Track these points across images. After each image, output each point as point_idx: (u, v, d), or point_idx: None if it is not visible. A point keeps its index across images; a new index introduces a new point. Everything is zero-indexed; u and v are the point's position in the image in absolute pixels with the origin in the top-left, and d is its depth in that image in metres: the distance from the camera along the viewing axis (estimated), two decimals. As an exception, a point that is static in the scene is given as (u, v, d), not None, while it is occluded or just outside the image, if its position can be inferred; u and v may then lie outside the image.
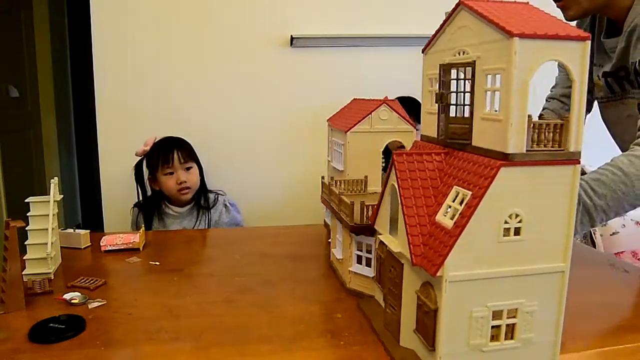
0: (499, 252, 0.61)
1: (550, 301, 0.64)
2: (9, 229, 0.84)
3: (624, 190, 0.81)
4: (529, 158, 0.59)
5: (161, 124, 1.89)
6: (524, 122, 0.59)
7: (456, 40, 0.69)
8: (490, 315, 0.63)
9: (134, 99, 1.92)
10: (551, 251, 0.62)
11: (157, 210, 1.74)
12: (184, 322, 0.80)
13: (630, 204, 0.83)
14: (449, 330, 0.62)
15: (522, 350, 0.65)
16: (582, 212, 0.83)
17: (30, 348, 0.71)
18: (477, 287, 0.62)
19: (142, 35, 1.90)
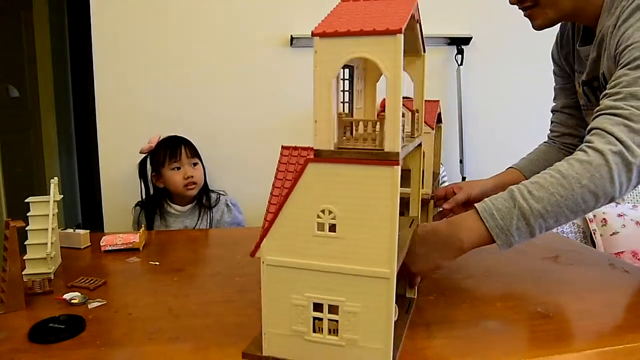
0: (314, 245, 0.62)
1: (376, 307, 0.62)
2: (9, 229, 0.84)
3: (562, 194, 0.76)
4: (339, 155, 0.60)
5: (161, 124, 1.89)
6: (330, 119, 0.59)
7: None
8: (310, 306, 0.64)
9: (134, 99, 1.92)
10: (374, 255, 0.60)
11: (159, 209, 1.75)
12: (184, 322, 0.80)
13: (571, 210, 0.77)
14: (272, 310, 0.67)
15: (347, 350, 0.64)
16: (518, 217, 0.77)
17: (30, 348, 0.71)
18: (294, 275, 0.64)
19: (142, 36, 1.90)
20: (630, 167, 0.75)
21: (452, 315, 0.83)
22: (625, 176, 0.75)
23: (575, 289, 0.94)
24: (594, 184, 0.75)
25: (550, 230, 0.80)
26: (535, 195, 0.78)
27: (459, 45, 2.07)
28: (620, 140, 0.75)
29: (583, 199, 0.76)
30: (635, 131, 0.75)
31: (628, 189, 0.78)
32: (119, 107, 1.92)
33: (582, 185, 0.76)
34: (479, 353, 0.71)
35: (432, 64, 2.12)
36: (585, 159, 0.77)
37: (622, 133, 0.75)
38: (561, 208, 0.76)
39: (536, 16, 0.99)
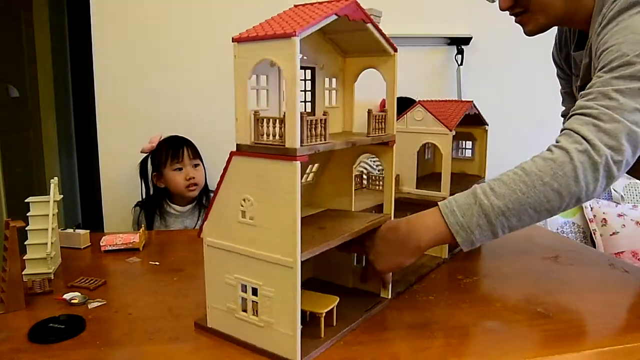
0: (238, 230, 0.70)
1: (285, 294, 0.66)
2: (8, 229, 0.84)
3: (524, 190, 0.73)
4: (253, 150, 0.67)
5: (161, 124, 1.89)
6: (246, 116, 0.67)
7: None
8: (239, 286, 0.71)
9: (134, 99, 1.92)
10: (282, 244, 0.65)
11: (158, 209, 1.75)
12: (184, 322, 0.80)
13: (534, 209, 0.74)
14: (211, 286, 0.76)
15: (266, 332, 0.69)
16: (479, 214, 0.75)
17: (30, 348, 0.71)
18: (227, 257, 0.72)
19: (142, 35, 1.90)
20: (596, 167, 0.72)
21: (452, 315, 0.83)
22: (592, 176, 0.73)
23: (575, 289, 0.94)
24: (557, 182, 0.73)
25: (514, 230, 0.77)
26: (497, 191, 0.76)
27: (459, 45, 2.07)
28: (587, 139, 0.73)
29: (546, 198, 0.74)
30: (604, 130, 0.73)
31: (596, 190, 0.75)
32: (119, 107, 1.92)
33: (545, 183, 0.73)
34: (479, 353, 0.71)
35: (432, 64, 2.12)
36: (549, 156, 0.75)
37: (590, 132, 0.73)
38: (523, 206, 0.74)
39: (527, 22, 0.99)
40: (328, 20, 0.67)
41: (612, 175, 0.74)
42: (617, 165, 0.73)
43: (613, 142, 0.73)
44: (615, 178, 0.75)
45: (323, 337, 0.73)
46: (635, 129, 0.73)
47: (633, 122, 0.73)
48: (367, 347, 0.72)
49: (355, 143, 0.78)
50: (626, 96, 0.73)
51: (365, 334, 0.76)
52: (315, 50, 0.83)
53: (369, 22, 0.76)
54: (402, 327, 0.79)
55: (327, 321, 0.74)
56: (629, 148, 0.73)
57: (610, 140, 0.73)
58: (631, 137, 0.73)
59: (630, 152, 0.74)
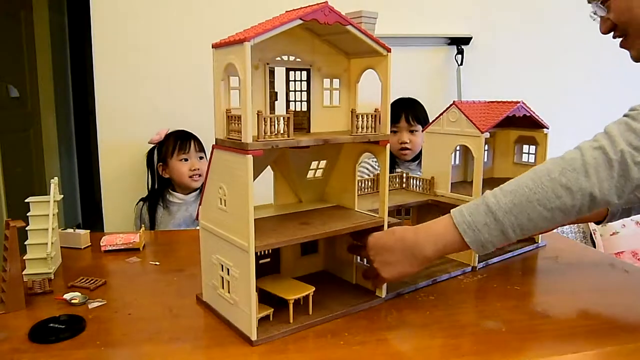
0: (218, 215, 0.78)
1: (245, 275, 0.73)
2: (9, 228, 0.84)
3: (531, 186, 0.71)
4: (224, 144, 0.75)
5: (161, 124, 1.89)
6: (221, 113, 0.77)
7: None
8: (219, 266, 0.79)
9: (134, 99, 1.92)
10: (242, 229, 0.72)
11: (162, 200, 1.78)
12: (184, 322, 0.80)
13: (543, 205, 0.71)
14: (204, 264, 0.86)
15: (234, 309, 0.77)
16: (486, 212, 0.74)
17: (30, 348, 0.71)
18: (212, 239, 0.81)
19: (142, 36, 1.90)
20: (610, 163, 0.69)
21: (452, 315, 0.83)
22: (606, 172, 0.70)
23: (575, 289, 0.94)
24: (565, 177, 0.71)
25: (528, 232, 0.75)
26: (504, 189, 0.75)
27: (459, 45, 2.07)
28: (611, 135, 0.71)
29: (555, 193, 0.71)
30: (632, 129, 0.70)
31: (613, 189, 0.70)
32: (118, 107, 1.92)
33: (552, 179, 0.71)
34: (479, 353, 0.71)
35: (432, 64, 2.12)
36: (560, 156, 0.74)
37: (617, 130, 0.71)
38: (531, 202, 0.72)
39: (629, 47, 0.92)
40: (289, 25, 0.71)
41: (630, 176, 0.70)
42: (637, 166, 0.69)
43: (638, 142, 0.69)
44: (634, 179, 0.70)
45: (291, 322, 0.77)
46: None
47: None
48: (367, 347, 0.72)
49: (328, 141, 0.80)
50: None
51: (366, 333, 0.76)
52: (311, 51, 0.85)
53: (347, 24, 0.77)
54: (402, 327, 0.79)
55: (302, 309, 0.80)
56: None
57: (636, 139, 0.69)
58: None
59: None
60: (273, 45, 0.79)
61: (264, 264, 0.89)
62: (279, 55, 0.82)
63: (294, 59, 0.84)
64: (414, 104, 1.95)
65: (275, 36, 0.72)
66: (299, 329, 0.76)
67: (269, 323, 0.77)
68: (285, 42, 0.82)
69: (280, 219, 0.86)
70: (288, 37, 0.78)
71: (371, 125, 0.85)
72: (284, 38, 0.76)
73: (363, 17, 0.83)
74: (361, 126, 0.83)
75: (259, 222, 0.78)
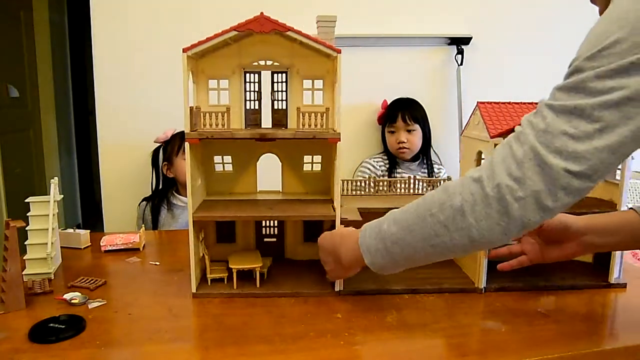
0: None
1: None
2: (9, 229, 0.83)
3: (414, 220, 0.66)
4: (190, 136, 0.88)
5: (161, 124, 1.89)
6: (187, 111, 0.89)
7: None
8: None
9: (134, 99, 1.92)
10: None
11: (165, 202, 1.78)
12: (184, 322, 0.80)
13: (427, 242, 0.65)
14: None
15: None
16: (378, 238, 0.71)
17: (30, 348, 0.71)
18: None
19: (142, 35, 1.90)
20: (487, 200, 0.59)
21: (452, 315, 0.83)
22: (483, 211, 0.59)
23: (575, 289, 0.94)
24: (443, 214, 0.63)
25: (420, 263, 0.70)
26: (397, 217, 0.69)
27: (459, 45, 2.07)
28: (492, 163, 0.60)
29: (434, 231, 0.64)
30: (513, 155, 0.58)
31: (495, 230, 0.60)
32: (118, 107, 1.92)
33: (432, 214, 0.64)
34: (479, 353, 0.71)
35: (432, 64, 2.12)
36: (447, 184, 0.66)
37: (499, 155, 0.60)
38: (414, 237, 0.66)
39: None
40: (223, 37, 0.85)
41: (512, 215, 0.58)
42: (518, 203, 0.57)
43: (517, 172, 0.57)
44: (517, 218, 0.58)
45: (235, 288, 0.91)
46: (550, 161, 0.55)
47: (554, 150, 0.55)
48: (367, 347, 0.72)
49: (265, 135, 0.90)
50: (559, 115, 0.56)
51: (366, 333, 0.76)
52: (290, 55, 0.92)
53: (285, 30, 0.84)
54: (402, 327, 0.79)
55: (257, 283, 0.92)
56: (541, 184, 0.56)
57: (517, 169, 0.57)
58: (545, 170, 0.56)
59: (544, 189, 0.56)
60: (251, 52, 0.93)
61: (270, 242, 1.05)
62: (256, 60, 0.94)
63: (272, 63, 0.94)
64: (410, 104, 1.96)
65: (251, 43, 0.92)
66: (240, 295, 0.89)
67: (222, 286, 0.92)
68: (262, 49, 0.93)
69: (252, 203, 0.98)
70: (264, 44, 0.91)
71: (320, 123, 0.89)
72: (260, 45, 0.92)
73: (318, 21, 0.89)
74: (307, 123, 0.89)
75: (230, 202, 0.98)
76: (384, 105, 2.02)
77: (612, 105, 0.53)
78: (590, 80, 0.54)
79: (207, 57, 0.94)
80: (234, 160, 1.04)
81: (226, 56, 0.93)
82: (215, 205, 0.95)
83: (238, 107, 0.95)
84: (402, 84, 2.03)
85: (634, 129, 0.53)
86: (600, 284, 0.95)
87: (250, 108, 0.96)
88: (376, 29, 2.01)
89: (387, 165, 1.98)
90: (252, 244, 1.05)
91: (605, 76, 0.53)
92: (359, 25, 1.98)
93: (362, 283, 0.92)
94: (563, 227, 0.79)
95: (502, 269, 0.83)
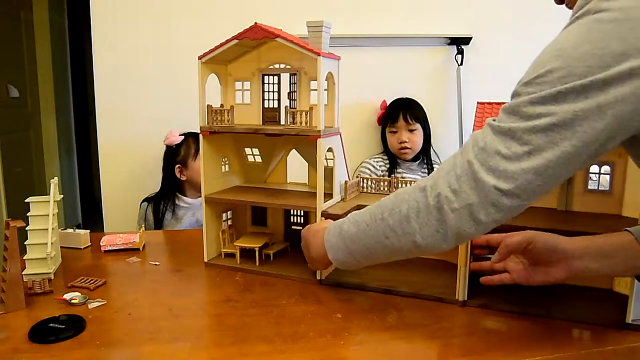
0: None
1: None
2: (9, 229, 0.84)
3: (368, 222, 0.71)
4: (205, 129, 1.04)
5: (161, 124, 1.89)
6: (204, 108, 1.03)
7: None
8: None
9: (134, 99, 1.92)
10: None
11: (169, 203, 1.77)
12: (184, 322, 0.80)
13: (380, 243, 0.69)
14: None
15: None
16: (339, 236, 0.76)
17: (30, 348, 0.71)
18: None
19: (142, 36, 1.90)
20: (429, 208, 0.63)
21: (452, 315, 0.83)
22: (424, 218, 0.64)
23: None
24: (392, 219, 0.67)
25: (377, 261, 0.74)
26: (357, 218, 0.74)
27: (459, 45, 2.07)
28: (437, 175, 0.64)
29: (385, 234, 0.68)
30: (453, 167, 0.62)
31: (437, 235, 0.63)
32: (119, 107, 1.92)
33: (383, 218, 0.69)
34: (479, 353, 0.71)
35: (432, 64, 2.12)
36: (397, 191, 0.71)
37: (445, 168, 0.64)
38: (368, 237, 0.71)
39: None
40: (227, 45, 0.98)
41: (449, 224, 0.62)
42: (454, 213, 0.61)
43: (455, 185, 0.61)
44: (453, 227, 0.62)
45: (238, 263, 1.04)
46: (484, 178, 0.58)
47: (488, 168, 0.59)
48: (366, 347, 0.72)
49: (257, 130, 1.01)
50: (496, 135, 0.59)
51: (365, 333, 0.76)
52: (300, 58, 1.00)
53: (274, 37, 0.94)
54: (401, 327, 0.79)
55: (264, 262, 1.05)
56: (475, 198, 0.59)
57: (455, 181, 0.61)
58: (478, 185, 0.59)
59: (477, 203, 0.59)
60: (267, 57, 1.04)
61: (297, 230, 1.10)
62: (272, 64, 1.04)
63: (284, 66, 1.04)
64: (411, 104, 1.96)
65: (268, 49, 1.03)
66: (240, 270, 1.03)
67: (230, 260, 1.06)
68: (277, 54, 1.03)
69: (262, 190, 1.11)
70: (279, 49, 0.99)
71: (305, 121, 0.96)
72: (275, 50, 1.01)
73: (308, 27, 0.95)
74: (298, 121, 0.97)
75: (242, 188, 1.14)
76: (382, 106, 2.02)
77: (539, 130, 0.56)
78: (524, 105, 0.58)
79: (233, 62, 1.08)
80: (262, 153, 1.17)
81: (248, 61, 1.06)
82: (234, 190, 1.12)
83: (257, 105, 1.06)
84: (402, 84, 2.03)
85: (559, 155, 0.56)
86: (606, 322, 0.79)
87: (267, 107, 1.07)
88: (376, 29, 2.01)
89: (387, 166, 1.98)
90: (281, 229, 1.16)
91: (536, 102, 0.57)
92: (359, 25, 1.98)
93: (344, 276, 0.97)
94: (551, 249, 0.73)
95: (484, 282, 0.81)
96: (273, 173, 1.19)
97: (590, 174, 0.91)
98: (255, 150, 1.17)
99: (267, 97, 1.06)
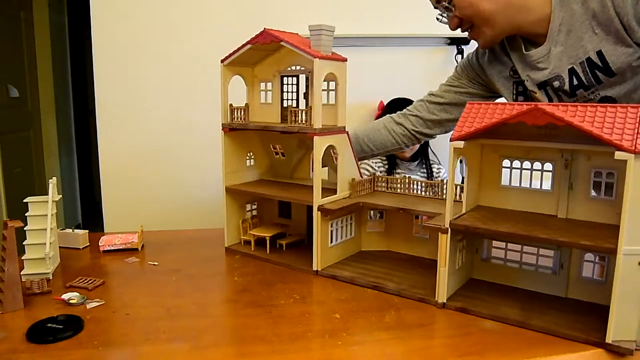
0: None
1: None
2: (7, 229, 0.83)
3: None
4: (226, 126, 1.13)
5: (161, 124, 1.89)
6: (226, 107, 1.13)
7: None
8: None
9: (134, 99, 1.92)
10: None
11: None
12: (182, 322, 0.80)
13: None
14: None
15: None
16: None
17: (28, 348, 0.71)
18: None
19: (142, 36, 1.90)
20: None
21: (451, 315, 0.82)
22: None
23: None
24: None
25: None
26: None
27: (459, 45, 2.07)
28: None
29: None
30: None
31: None
32: (118, 107, 1.92)
33: None
34: (478, 353, 0.71)
35: (432, 64, 2.12)
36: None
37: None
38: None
39: (476, 37, 1.05)
40: (243, 50, 1.05)
41: None
42: None
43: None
44: None
45: (252, 251, 1.14)
46: None
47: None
48: (366, 347, 0.72)
49: (266, 128, 1.07)
50: None
51: (364, 333, 0.76)
52: (310, 61, 0.99)
53: (279, 41, 0.98)
54: (401, 327, 0.79)
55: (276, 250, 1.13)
56: None
57: None
58: None
59: None
60: (286, 59, 1.11)
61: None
62: (289, 66, 1.11)
63: (299, 68, 1.10)
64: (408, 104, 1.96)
65: (287, 52, 1.07)
66: (252, 257, 1.12)
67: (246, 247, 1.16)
68: (294, 56, 1.08)
69: (279, 185, 1.19)
70: (292, 52, 1.01)
71: (305, 120, 1.01)
72: (290, 53, 1.05)
73: (310, 30, 0.98)
74: (297, 120, 1.02)
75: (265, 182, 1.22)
76: (380, 107, 2.01)
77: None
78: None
79: (258, 65, 1.16)
80: (285, 149, 1.23)
81: (270, 64, 1.14)
82: (255, 183, 1.21)
83: (277, 104, 1.14)
84: (402, 84, 2.02)
85: None
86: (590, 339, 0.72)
87: (285, 106, 1.14)
88: (376, 29, 2.00)
89: (386, 166, 1.98)
90: (304, 222, 1.21)
91: None
92: (358, 25, 1.98)
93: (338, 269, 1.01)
94: None
95: None
96: (299, 169, 1.26)
97: (593, 180, 0.83)
98: (279, 147, 1.23)
99: (286, 97, 1.14)
